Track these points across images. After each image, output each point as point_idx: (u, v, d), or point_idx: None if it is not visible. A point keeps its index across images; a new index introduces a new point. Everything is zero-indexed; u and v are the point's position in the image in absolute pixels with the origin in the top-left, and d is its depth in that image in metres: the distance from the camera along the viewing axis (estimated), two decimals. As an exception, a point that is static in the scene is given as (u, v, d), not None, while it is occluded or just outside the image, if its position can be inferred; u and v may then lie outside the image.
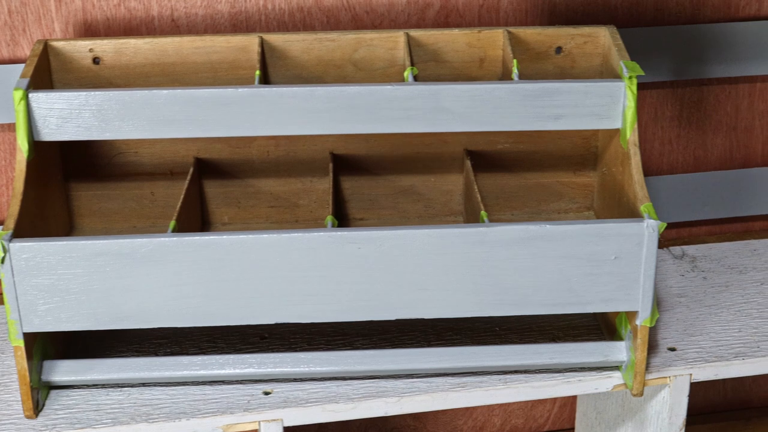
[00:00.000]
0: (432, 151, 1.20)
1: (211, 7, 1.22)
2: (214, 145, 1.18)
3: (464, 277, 1.01)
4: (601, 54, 1.17)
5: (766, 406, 1.57)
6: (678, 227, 1.43)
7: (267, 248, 0.98)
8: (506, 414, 1.50)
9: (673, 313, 1.19)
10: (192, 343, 1.12)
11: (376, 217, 1.22)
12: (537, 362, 1.07)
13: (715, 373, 1.11)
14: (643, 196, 1.03)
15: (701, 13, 1.33)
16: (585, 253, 1.00)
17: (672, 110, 1.38)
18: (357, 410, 1.05)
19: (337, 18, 1.25)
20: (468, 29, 1.16)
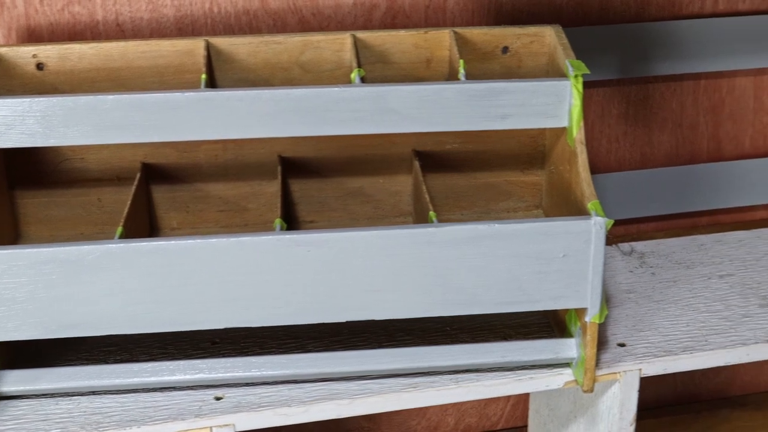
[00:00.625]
0: (380, 152, 1.20)
1: (156, 11, 1.22)
2: (162, 150, 1.17)
3: (414, 277, 1.01)
4: (548, 53, 1.17)
5: (715, 399, 1.59)
6: (626, 224, 1.44)
7: (216, 253, 0.98)
8: (460, 413, 1.50)
9: (622, 309, 1.21)
10: (142, 350, 1.11)
11: (326, 219, 1.22)
12: (488, 361, 1.07)
13: (664, 367, 1.12)
14: (591, 193, 1.04)
15: (646, 12, 1.35)
16: (534, 252, 1.01)
17: (618, 108, 1.39)
18: (309, 413, 1.04)
19: (284, 20, 1.25)
20: (414, 30, 1.16)
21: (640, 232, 1.43)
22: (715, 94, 1.41)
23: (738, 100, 1.42)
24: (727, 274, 1.28)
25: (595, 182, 1.34)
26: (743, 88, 1.42)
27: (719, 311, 1.20)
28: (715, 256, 1.31)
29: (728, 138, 1.44)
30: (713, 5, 1.36)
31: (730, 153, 1.45)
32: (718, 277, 1.27)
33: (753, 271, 1.28)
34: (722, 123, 1.43)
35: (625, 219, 1.43)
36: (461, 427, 1.51)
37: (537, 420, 1.37)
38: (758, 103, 1.43)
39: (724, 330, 1.17)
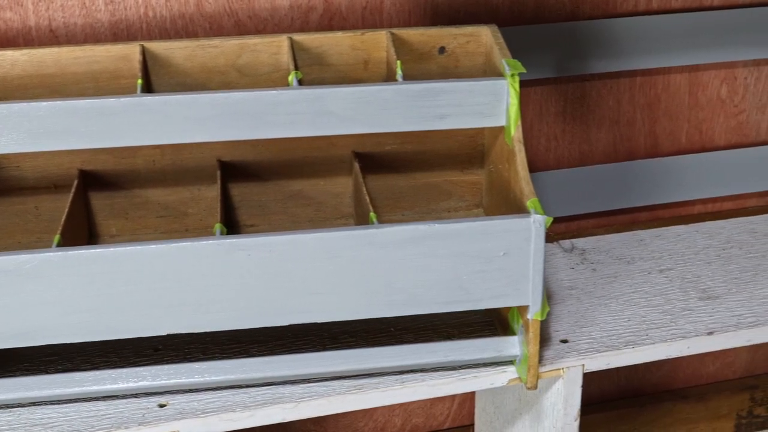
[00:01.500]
0: (320, 154, 1.20)
1: (90, 16, 1.20)
2: (99, 157, 1.16)
3: (356, 279, 1.01)
4: (484, 53, 1.18)
5: (658, 392, 1.60)
6: (567, 221, 1.45)
7: (156, 259, 0.97)
8: (406, 413, 1.50)
9: (564, 306, 1.21)
10: (84, 359, 1.10)
11: (267, 222, 1.22)
12: (432, 361, 1.07)
13: (607, 362, 1.13)
14: (529, 191, 1.05)
15: (581, 11, 1.36)
16: (474, 251, 1.01)
17: (556, 106, 1.40)
18: (254, 418, 1.04)
19: (220, 24, 1.24)
20: (351, 32, 1.16)
21: (581, 228, 1.44)
22: (651, 91, 1.43)
23: (673, 96, 1.44)
24: (666, 268, 1.29)
25: (534, 180, 1.35)
26: (678, 84, 1.44)
27: (660, 305, 1.21)
28: (654, 251, 1.33)
29: (665, 134, 1.46)
30: (647, 3, 1.38)
31: (667, 149, 1.46)
32: (658, 272, 1.28)
33: (692, 265, 1.30)
34: (659, 119, 1.44)
35: (566, 216, 1.44)
36: (408, 427, 1.52)
37: (483, 418, 1.37)
38: (693, 99, 1.45)
39: (665, 324, 1.18)
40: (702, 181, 1.47)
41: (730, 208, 1.52)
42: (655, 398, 1.58)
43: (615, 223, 1.47)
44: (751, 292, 1.24)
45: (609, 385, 1.57)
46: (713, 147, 1.48)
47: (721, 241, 1.36)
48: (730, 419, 1.62)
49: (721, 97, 1.46)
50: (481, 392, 1.38)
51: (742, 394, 1.61)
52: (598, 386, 1.55)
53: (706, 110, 1.46)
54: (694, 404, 1.59)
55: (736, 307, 1.21)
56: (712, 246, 1.34)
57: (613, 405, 1.56)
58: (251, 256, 0.98)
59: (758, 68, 1.45)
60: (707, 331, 1.17)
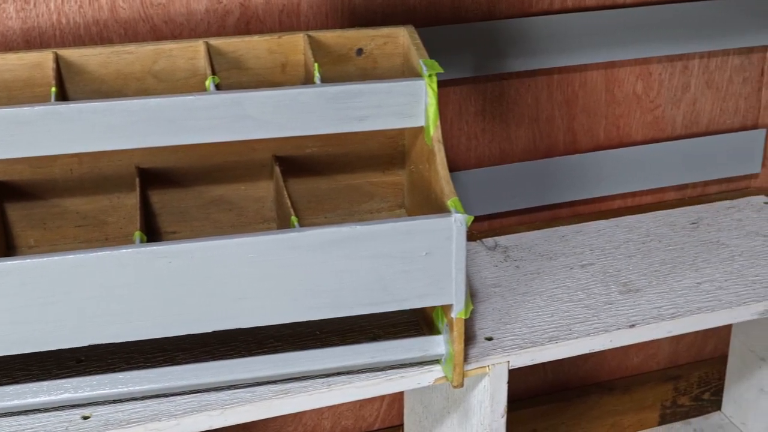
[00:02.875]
0: (241, 159, 1.19)
1: (1, 23, 1.18)
2: (14, 166, 1.14)
3: (280, 283, 1.00)
4: (402, 54, 1.18)
5: (584, 386, 1.62)
6: (489, 219, 1.46)
7: (75, 269, 0.96)
8: (335, 416, 1.50)
9: (488, 304, 1.22)
10: (4, 372, 1.08)
11: (189, 229, 1.21)
12: (358, 362, 1.07)
13: (531, 358, 1.14)
14: (450, 191, 1.05)
15: (497, 10, 1.37)
16: (397, 251, 1.02)
17: (476, 105, 1.41)
18: (180, 426, 1.03)
19: (135, 30, 1.23)
20: (268, 35, 1.15)
21: (503, 226, 1.45)
22: (569, 88, 1.44)
23: (590, 93, 1.46)
24: (588, 263, 1.31)
25: (455, 179, 1.36)
26: (595, 81, 1.45)
27: (582, 300, 1.23)
28: (576, 247, 1.35)
29: (583, 130, 1.47)
30: (562, 2, 1.39)
31: (586, 145, 1.48)
32: (579, 267, 1.30)
33: (613, 259, 1.32)
34: (577, 116, 1.46)
35: (488, 214, 1.45)
36: (338, 430, 1.51)
37: (412, 418, 1.38)
38: (610, 96, 1.47)
39: (588, 318, 1.19)
40: (620, 176, 1.49)
41: (648, 202, 1.54)
42: (581, 392, 1.60)
43: (536, 220, 1.48)
44: (671, 284, 1.26)
45: (536, 381, 1.58)
46: (630, 142, 1.50)
47: (640, 234, 1.38)
48: (655, 409, 1.64)
49: (637, 93, 1.48)
50: (409, 392, 1.38)
51: (665, 384, 1.64)
52: (524, 382, 1.57)
53: (622, 106, 1.48)
54: (619, 396, 1.62)
55: (657, 299, 1.23)
56: (632, 240, 1.36)
57: (541, 400, 1.57)
58: (172, 264, 0.97)
59: (672, 64, 1.48)
60: (629, 324, 1.18)
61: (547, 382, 1.59)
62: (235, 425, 1.07)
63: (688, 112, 1.52)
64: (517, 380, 1.18)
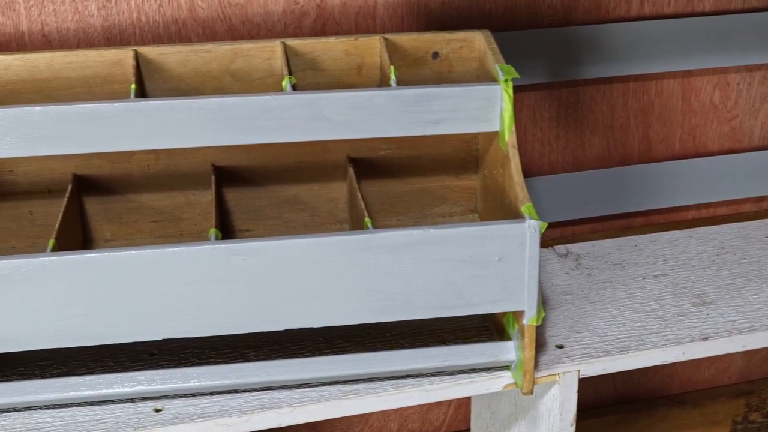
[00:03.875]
0: (315, 159, 1.20)
1: (83, 21, 1.20)
2: (93, 161, 1.16)
3: (351, 284, 1.00)
4: (477, 58, 1.18)
5: (654, 398, 1.60)
6: (561, 226, 1.45)
7: (150, 264, 0.97)
8: (402, 418, 1.50)
9: (559, 311, 1.21)
10: (79, 363, 1.09)
11: (262, 227, 1.21)
12: (428, 366, 1.07)
13: (602, 367, 1.13)
14: (524, 197, 1.05)
15: (573, 16, 1.36)
16: (469, 256, 1.01)
17: (550, 111, 1.40)
18: (250, 423, 1.03)
19: (213, 29, 1.24)
20: (345, 37, 1.16)
21: (575, 234, 1.44)
22: (645, 97, 1.43)
23: (667, 101, 1.44)
24: (661, 273, 1.29)
25: (528, 185, 1.35)
26: (671, 90, 1.44)
27: (654, 311, 1.21)
28: (649, 257, 1.33)
29: (658, 139, 1.46)
30: (639, 9, 1.38)
31: (661, 154, 1.46)
32: (652, 277, 1.28)
33: (687, 270, 1.30)
34: (652, 125, 1.45)
35: (560, 221, 1.44)
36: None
37: (479, 423, 1.37)
38: (686, 105, 1.45)
39: (660, 329, 1.18)
40: (696, 186, 1.47)
41: (724, 213, 1.52)
42: (650, 404, 1.58)
43: (609, 228, 1.47)
44: (746, 298, 1.24)
45: (605, 390, 1.57)
46: (707, 152, 1.48)
47: (715, 246, 1.36)
48: (726, 425, 1.62)
49: (714, 103, 1.46)
50: (477, 397, 1.37)
51: (737, 399, 1.61)
52: (593, 391, 1.55)
53: (699, 116, 1.46)
54: (689, 410, 1.59)
55: (731, 312, 1.21)
56: (707, 251, 1.34)
57: (609, 410, 1.56)
58: (246, 261, 0.98)
59: (750, 74, 1.46)
60: (702, 336, 1.17)
61: (616, 392, 1.58)
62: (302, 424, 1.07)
63: (766, 123, 1.49)
64: (585, 389, 1.17)
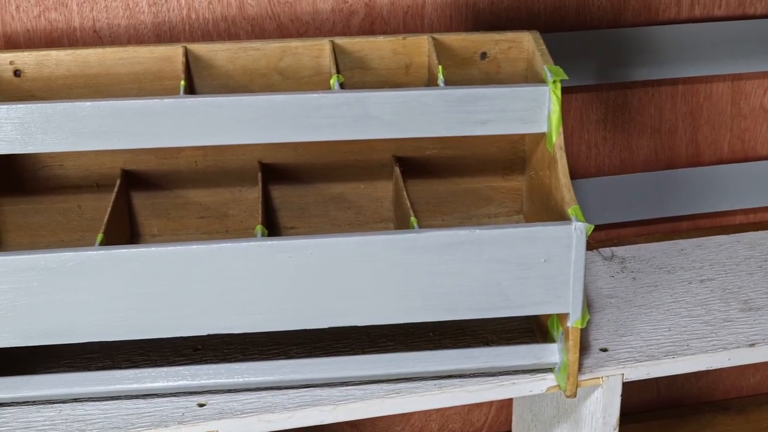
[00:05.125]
0: (361, 158, 1.20)
1: (133, 17, 1.21)
2: (141, 157, 1.17)
3: (396, 283, 1.01)
4: (526, 59, 1.18)
5: (698, 403, 1.59)
6: (607, 229, 1.45)
7: (197, 259, 0.98)
8: (443, 418, 1.50)
9: (603, 314, 1.21)
10: (124, 357, 1.10)
11: (307, 225, 1.22)
12: (471, 366, 1.07)
13: (647, 372, 1.12)
14: (571, 198, 1.04)
15: (622, 17, 1.35)
16: (515, 257, 1.01)
17: (597, 113, 1.39)
18: (293, 419, 1.04)
19: (262, 27, 1.25)
20: (393, 36, 1.16)
21: (621, 237, 1.43)
22: (693, 99, 1.42)
23: (716, 105, 1.43)
24: (707, 278, 1.28)
25: (574, 187, 1.34)
26: (720, 93, 1.43)
27: (700, 316, 1.20)
28: (695, 261, 1.32)
29: (707, 143, 1.44)
30: (689, 11, 1.37)
31: (709, 158, 1.45)
32: (698, 282, 1.27)
33: (733, 276, 1.29)
34: (701, 128, 1.43)
35: (606, 224, 1.43)
36: (444, 434, 1.52)
37: (521, 425, 1.37)
38: (735, 108, 1.44)
39: (706, 335, 1.17)
40: (744, 191, 1.46)
41: (772, 218, 1.51)
42: (694, 410, 1.57)
43: (655, 231, 1.46)
44: (794, 304, 1.23)
45: (648, 395, 1.56)
46: (756, 157, 1.47)
47: (762, 252, 1.34)
48: (771, 432, 1.60)
49: (764, 107, 1.45)
50: (519, 399, 1.37)
51: (783, 407, 1.60)
52: (636, 395, 1.54)
53: (748, 119, 1.45)
54: (734, 416, 1.58)
55: (778, 318, 1.20)
56: (754, 257, 1.33)
57: (653, 415, 1.55)
58: (292, 259, 0.98)
59: (802, 78, 1.44)
60: (749, 342, 1.16)
61: (659, 397, 1.57)
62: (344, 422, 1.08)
63: (817, 128, 1.48)
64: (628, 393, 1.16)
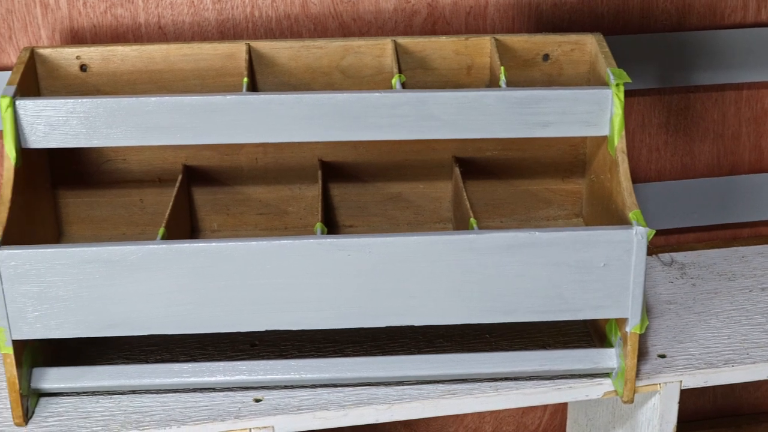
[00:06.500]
0: (421, 158, 1.20)
1: (198, 14, 1.22)
2: (203, 152, 1.18)
3: (454, 284, 1.00)
4: (588, 61, 1.17)
5: (756, 413, 1.57)
6: (666, 234, 1.43)
7: (257, 255, 0.98)
8: (497, 421, 1.50)
9: (662, 320, 1.20)
10: (182, 350, 1.11)
11: (366, 224, 1.22)
12: (527, 369, 1.07)
13: (705, 380, 1.11)
14: (632, 203, 1.03)
15: (687, 21, 1.34)
16: (574, 260, 1.00)
17: (659, 117, 1.38)
18: (348, 417, 1.04)
19: (324, 25, 1.25)
20: (455, 36, 1.16)
21: (681, 242, 1.42)
22: (758, 105, 1.40)
23: (781, 111, 1.41)
24: (768, 286, 1.27)
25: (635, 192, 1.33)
26: (786, 99, 1.41)
27: (761, 324, 1.19)
28: (756, 269, 1.30)
29: (770, 149, 1.43)
30: (756, 15, 1.35)
31: (772, 164, 1.44)
32: (760, 290, 1.26)
33: (795, 284, 1.27)
34: (765, 134, 1.42)
35: (665, 229, 1.42)
36: (497, 436, 1.51)
37: (575, 430, 1.36)
38: (801, 115, 1.42)
39: (766, 344, 1.15)
40: (807, 198, 1.44)
41: (835, 227, 1.48)
42: (752, 419, 1.55)
43: (716, 238, 1.45)
44: None
45: (704, 403, 1.54)
46: (820, 164, 1.45)
47: (825, 260, 1.33)
48: (829, 444, 1.58)
49: (830, 114, 1.43)
50: (573, 403, 1.36)
51: (842, 418, 1.57)
52: (693, 403, 1.53)
53: (814, 126, 1.43)
54: (792, 427, 1.56)
55: (841, 328, 1.18)
56: (816, 265, 1.31)
57: (708, 424, 1.53)
58: (351, 257, 0.99)
59: None
60: (810, 352, 1.14)
61: (716, 405, 1.55)
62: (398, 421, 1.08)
63: None
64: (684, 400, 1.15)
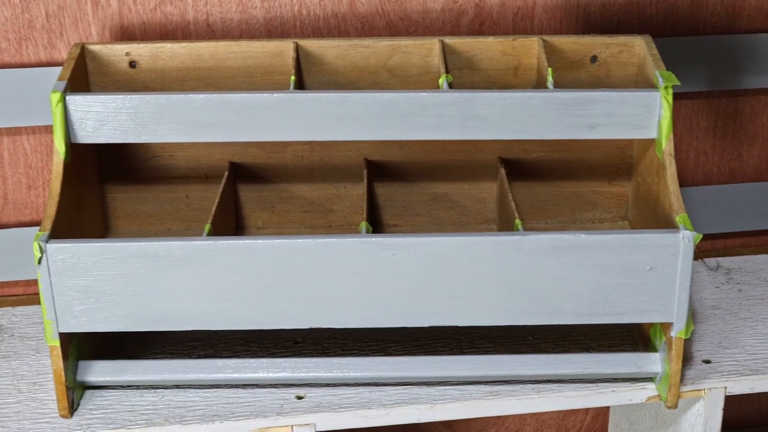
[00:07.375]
0: (466, 158, 1.20)
1: (246, 12, 1.23)
2: (249, 150, 1.19)
3: (498, 285, 1.00)
4: (637, 63, 1.16)
5: (799, 421, 1.56)
6: (713, 239, 1.42)
7: (302, 253, 0.99)
8: (538, 423, 1.49)
9: (707, 325, 1.19)
10: (226, 346, 1.12)
11: (410, 223, 1.22)
12: (570, 372, 1.06)
13: (751, 386, 1.10)
14: (679, 206, 1.03)
15: (737, 24, 1.33)
16: (620, 264, 1.00)
17: (707, 121, 1.37)
18: (390, 416, 1.04)
19: (372, 24, 1.25)
20: (502, 37, 1.15)
21: (727, 247, 1.41)
22: (807, 110, 1.39)
23: (830, 116, 1.40)
24: (816, 293, 1.25)
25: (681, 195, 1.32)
26: (836, 103, 1.39)
27: (808, 331, 1.18)
28: (803, 275, 1.29)
29: (820, 154, 1.41)
30: (808, 18, 1.34)
31: (821, 170, 1.42)
32: (806, 296, 1.24)
33: (843, 291, 1.26)
34: (814, 139, 1.40)
35: (712, 234, 1.41)
36: (537, 438, 1.51)
37: (615, 434, 1.35)
38: None
39: (813, 350, 1.15)
40: None
41: None
42: (797, 426, 1.54)
43: (763, 243, 1.43)
44: None
45: (749, 410, 1.53)
46: None
47: None
48: None
49: None
50: (616, 407, 1.36)
51: None
52: (737, 409, 1.51)
53: None
54: (837, 435, 1.54)
55: None
56: None
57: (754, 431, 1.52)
58: (396, 256, 0.99)
59: None
60: None
61: (760, 412, 1.53)
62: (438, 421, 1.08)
63: None
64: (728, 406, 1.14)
